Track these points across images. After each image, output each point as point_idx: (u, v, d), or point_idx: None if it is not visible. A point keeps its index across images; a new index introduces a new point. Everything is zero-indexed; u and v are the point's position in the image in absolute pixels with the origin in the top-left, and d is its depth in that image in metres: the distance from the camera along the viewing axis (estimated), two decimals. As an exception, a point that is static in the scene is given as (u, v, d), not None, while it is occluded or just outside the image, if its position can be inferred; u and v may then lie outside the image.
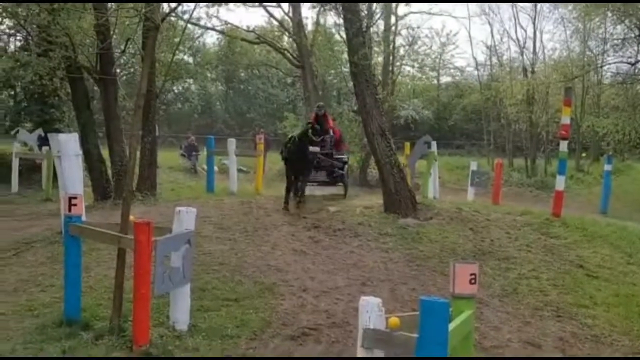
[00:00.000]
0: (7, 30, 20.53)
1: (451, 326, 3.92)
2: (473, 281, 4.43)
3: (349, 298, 7.50)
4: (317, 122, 12.28)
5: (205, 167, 18.17)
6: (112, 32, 15.18)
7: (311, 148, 11.63)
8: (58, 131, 10.90)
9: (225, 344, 6.47)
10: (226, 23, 23.50)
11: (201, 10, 20.47)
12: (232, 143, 16.71)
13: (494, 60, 31.88)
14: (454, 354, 4.05)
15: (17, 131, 19.65)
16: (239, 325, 6.90)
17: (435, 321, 3.80)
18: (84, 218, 7.26)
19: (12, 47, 20.68)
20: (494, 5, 30.98)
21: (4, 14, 19.60)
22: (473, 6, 31.60)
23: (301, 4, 22.40)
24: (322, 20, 24.39)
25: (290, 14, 22.65)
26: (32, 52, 16.31)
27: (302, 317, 7.13)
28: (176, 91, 27.69)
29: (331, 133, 13.66)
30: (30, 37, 17.57)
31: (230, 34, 24.45)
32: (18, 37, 20.09)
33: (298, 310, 7.33)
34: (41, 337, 6.50)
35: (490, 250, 9.52)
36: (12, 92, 21.33)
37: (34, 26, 15.67)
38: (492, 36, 31.58)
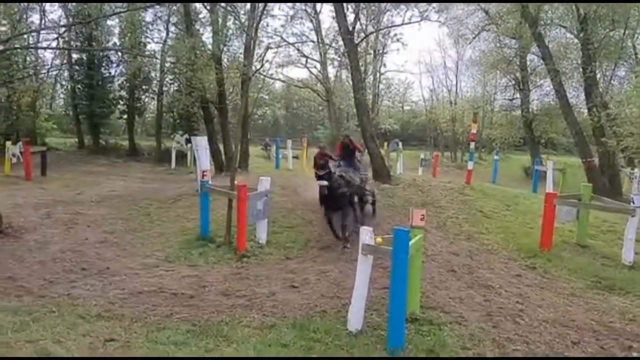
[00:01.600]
0: (169, 81, 20.72)
1: (410, 243, 3.86)
2: (422, 219, 4.36)
3: (354, 227, 7.42)
4: (344, 148, 8.25)
5: (274, 154, 18.05)
6: (224, 81, 15.20)
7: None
8: (196, 135, 10.87)
9: (285, 251, 6.50)
10: (286, 77, 23.20)
11: (273, 68, 20.52)
12: (289, 142, 16.86)
13: (434, 97, 31.23)
14: (411, 259, 3.99)
15: (174, 135, 19.72)
16: (293, 241, 6.92)
17: (401, 240, 3.75)
18: (210, 182, 7.29)
19: (171, 90, 20.84)
20: (435, 67, 30.19)
21: (167, 72, 19.77)
22: (422, 67, 31.21)
23: (328, 65, 21.98)
24: (339, 74, 24.05)
25: (322, 71, 22.25)
26: (183, 93, 16.35)
27: (326, 237, 7.08)
28: (260, 113, 27.58)
29: (358, 151, 8.70)
30: (181, 84, 17.61)
31: (289, 82, 24.18)
32: (174, 85, 20.25)
33: (324, 233, 7.27)
34: (188, 246, 6.60)
35: (431, 202, 9.33)
36: (172, 114, 21.45)
37: (184, 79, 15.77)
38: (433, 83, 30.45)
